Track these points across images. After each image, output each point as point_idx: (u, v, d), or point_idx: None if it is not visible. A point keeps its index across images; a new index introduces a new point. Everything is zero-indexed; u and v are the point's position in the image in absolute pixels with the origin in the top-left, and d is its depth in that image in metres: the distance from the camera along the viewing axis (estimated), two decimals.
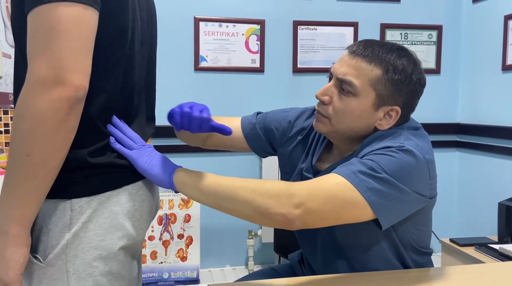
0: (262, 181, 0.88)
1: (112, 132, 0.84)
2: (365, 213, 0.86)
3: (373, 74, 0.94)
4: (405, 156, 0.88)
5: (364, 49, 0.95)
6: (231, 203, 0.85)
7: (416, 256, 1.02)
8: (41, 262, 0.78)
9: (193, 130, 0.88)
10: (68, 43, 0.68)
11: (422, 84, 0.99)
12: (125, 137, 0.85)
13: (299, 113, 1.16)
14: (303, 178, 1.08)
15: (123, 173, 0.84)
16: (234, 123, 1.18)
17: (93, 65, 0.73)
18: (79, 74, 0.69)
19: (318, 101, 1.00)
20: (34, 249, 0.77)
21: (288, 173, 1.13)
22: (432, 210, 1.02)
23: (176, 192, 0.90)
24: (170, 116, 0.88)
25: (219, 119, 1.16)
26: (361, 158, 0.90)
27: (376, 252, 0.98)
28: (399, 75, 0.94)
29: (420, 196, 0.91)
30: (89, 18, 0.71)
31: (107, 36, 0.77)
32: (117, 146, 0.84)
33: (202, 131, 0.89)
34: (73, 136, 0.73)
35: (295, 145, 1.13)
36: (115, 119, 0.84)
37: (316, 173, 1.05)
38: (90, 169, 0.79)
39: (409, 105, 0.99)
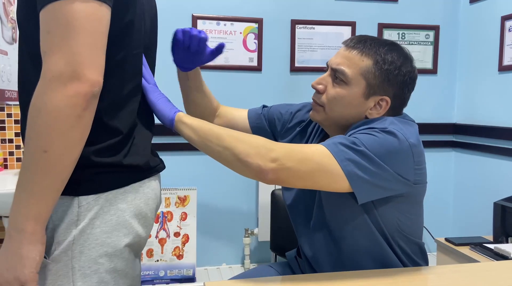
0: (249, 135, 0.94)
1: None
2: (340, 182, 0.90)
3: (363, 64, 1.00)
4: (387, 136, 0.92)
5: (357, 42, 1.02)
6: (216, 146, 0.92)
7: (404, 243, 1.03)
8: (47, 258, 0.78)
9: (193, 47, 1.03)
10: (84, 39, 0.69)
11: (412, 77, 1.04)
12: (145, 72, 0.93)
13: (301, 106, 1.22)
14: None
15: (130, 172, 0.84)
16: (241, 113, 1.26)
17: None
18: (95, 70, 0.70)
19: (315, 91, 1.06)
20: None
21: None
22: (421, 199, 1.03)
23: (174, 131, 0.98)
24: (174, 34, 1.04)
25: (228, 109, 1.27)
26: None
27: (362, 233, 1.00)
28: (389, 66, 1.00)
29: (402, 178, 0.93)
30: (103, 14, 0.71)
31: (116, 32, 0.77)
32: None
33: (200, 51, 1.05)
34: (88, 132, 0.73)
35: (294, 136, 1.18)
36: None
37: None
38: (97, 167, 0.79)
39: (399, 97, 1.03)
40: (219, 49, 1.06)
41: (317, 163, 0.89)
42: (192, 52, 1.04)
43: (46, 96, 0.68)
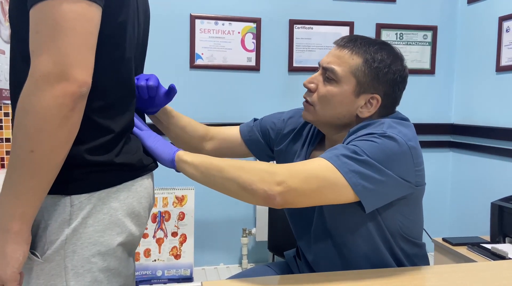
0: (249, 162, 0.93)
1: None
2: (346, 194, 0.89)
3: (353, 62, 1.01)
4: (387, 141, 0.92)
5: (348, 41, 1.03)
6: (219, 179, 0.91)
7: (405, 245, 1.03)
8: (39, 258, 0.77)
9: (143, 95, 0.99)
10: (72, 39, 0.68)
11: (402, 76, 1.04)
12: (136, 120, 0.92)
13: (293, 112, 1.22)
14: None
15: (123, 171, 0.84)
16: (233, 130, 1.25)
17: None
18: (83, 70, 0.69)
19: (306, 90, 1.07)
20: (32, 245, 0.77)
21: None
22: (421, 200, 1.03)
23: (177, 171, 0.96)
24: None
25: (219, 129, 1.25)
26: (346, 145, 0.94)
27: (363, 239, 1.00)
28: (378, 64, 1.00)
29: (405, 181, 0.93)
30: (93, 14, 0.71)
31: (108, 32, 0.77)
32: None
33: (153, 96, 1.01)
34: (76, 132, 0.73)
35: (289, 141, 1.17)
36: None
37: None
38: (90, 166, 0.79)
39: (390, 96, 1.04)
40: (172, 90, 1.04)
41: (322, 179, 0.88)
42: (146, 99, 1.02)
43: (33, 96, 0.67)
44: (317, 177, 0.88)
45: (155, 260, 2.24)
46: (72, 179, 0.77)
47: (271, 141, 1.22)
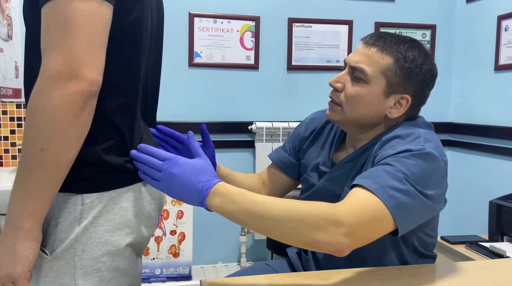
0: (308, 209, 0.81)
1: (136, 157, 0.82)
2: (390, 228, 0.87)
3: (384, 62, 0.97)
4: (428, 162, 0.89)
5: (377, 39, 0.99)
6: (277, 233, 0.82)
7: (418, 258, 1.03)
8: (48, 255, 0.77)
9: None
10: (83, 37, 0.68)
11: (433, 75, 1.02)
12: (150, 159, 0.82)
13: (315, 114, 1.20)
14: (319, 171, 1.10)
15: (135, 171, 0.84)
16: (268, 168, 1.24)
17: (107, 59, 0.73)
18: (93, 69, 0.69)
19: (332, 89, 1.03)
20: (41, 242, 0.76)
21: (303, 171, 1.17)
22: (438, 215, 1.03)
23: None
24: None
25: (262, 174, 1.24)
26: (383, 159, 0.90)
27: (378, 250, 0.99)
28: (410, 64, 0.97)
29: (434, 205, 0.92)
30: (103, 12, 0.70)
31: (121, 30, 0.76)
32: (143, 176, 0.83)
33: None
34: (87, 131, 0.73)
35: (310, 142, 1.16)
36: (140, 147, 0.83)
37: (333, 165, 1.07)
38: (102, 166, 0.79)
39: (419, 95, 1.02)
40: (203, 132, 1.01)
41: (379, 222, 0.85)
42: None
43: (43, 94, 0.67)
44: (375, 219, 0.84)
45: (153, 259, 2.24)
46: (84, 178, 0.77)
47: (297, 149, 1.20)
